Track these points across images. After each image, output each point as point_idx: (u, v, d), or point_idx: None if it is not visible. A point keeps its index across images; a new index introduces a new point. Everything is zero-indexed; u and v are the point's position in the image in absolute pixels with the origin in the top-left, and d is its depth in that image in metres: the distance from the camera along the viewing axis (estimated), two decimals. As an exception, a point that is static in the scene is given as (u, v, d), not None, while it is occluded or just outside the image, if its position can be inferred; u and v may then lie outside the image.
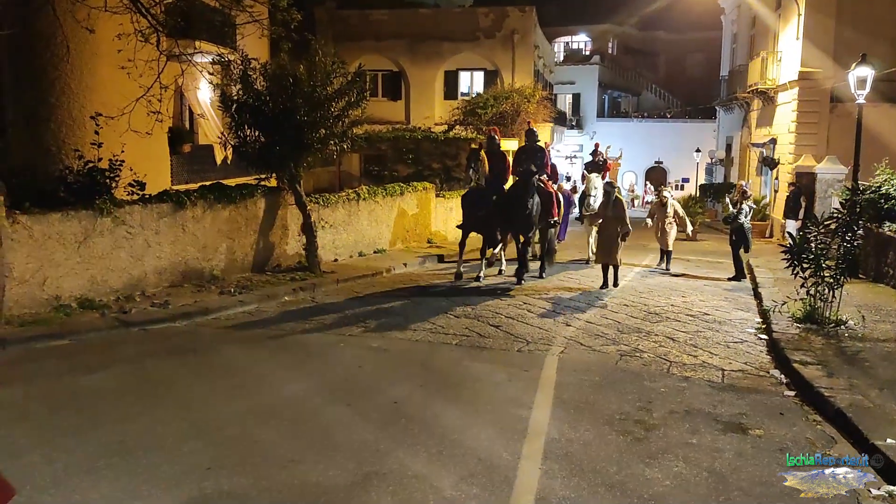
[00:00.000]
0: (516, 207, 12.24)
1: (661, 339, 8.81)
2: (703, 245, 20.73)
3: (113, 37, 10.07)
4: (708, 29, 39.25)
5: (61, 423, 5.56)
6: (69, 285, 9.06)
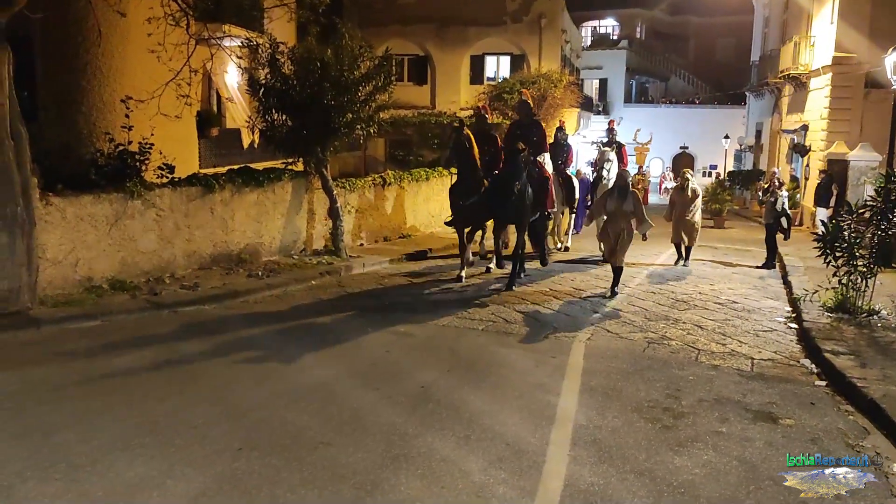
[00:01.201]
0: (501, 193, 10.47)
1: (689, 326, 8.74)
2: (730, 233, 20.51)
3: (143, 20, 10.12)
4: (739, 13, 38.62)
5: (95, 402, 5.64)
6: (101, 267, 9.18)
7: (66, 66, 11.32)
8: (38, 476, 4.44)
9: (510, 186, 10.23)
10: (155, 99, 10.10)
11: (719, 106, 41.70)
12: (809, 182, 21.87)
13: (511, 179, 10.26)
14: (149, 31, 9.93)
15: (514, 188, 10.24)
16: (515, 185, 10.24)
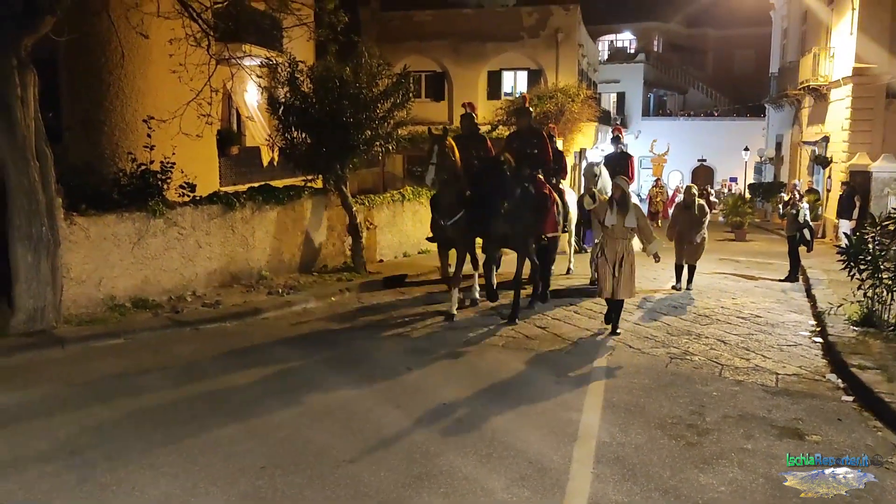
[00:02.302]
0: (486, 210, 9.21)
1: (711, 341, 8.66)
2: (752, 246, 20.34)
3: (165, 42, 10.27)
4: (757, 25, 38.51)
5: (120, 421, 5.69)
6: (124, 285, 9.27)
7: (90, 87, 11.51)
8: (64, 496, 4.48)
9: (495, 203, 9.05)
10: (176, 118, 10.22)
11: (738, 118, 41.49)
12: (831, 194, 21.68)
13: (495, 195, 9.07)
14: (170, 51, 10.07)
15: (499, 205, 9.03)
16: (502, 203, 9.03)
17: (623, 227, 8.67)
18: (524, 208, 9.45)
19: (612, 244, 8.74)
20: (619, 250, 8.68)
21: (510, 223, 9.28)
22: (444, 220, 9.59)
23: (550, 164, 10.50)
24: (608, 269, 8.72)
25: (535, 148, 10.11)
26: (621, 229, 8.68)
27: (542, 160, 10.26)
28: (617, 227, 8.68)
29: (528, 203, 9.55)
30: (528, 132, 10.38)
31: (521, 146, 10.04)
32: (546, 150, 10.30)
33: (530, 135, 10.31)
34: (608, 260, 8.74)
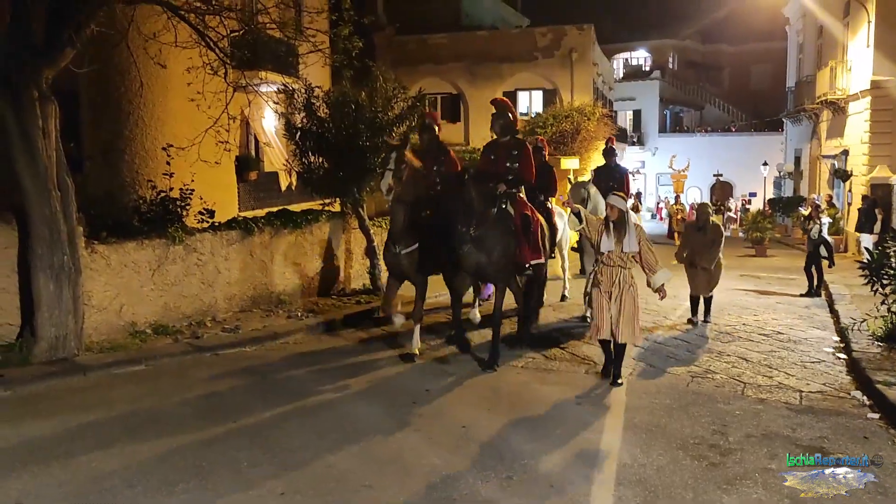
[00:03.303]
0: (453, 235, 8.03)
1: (733, 359, 8.56)
2: (773, 261, 20.15)
3: (183, 71, 10.42)
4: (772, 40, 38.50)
5: (140, 447, 5.70)
6: (144, 312, 9.34)
7: (110, 116, 11.70)
8: (85, 523, 4.48)
9: (462, 227, 7.84)
10: (195, 146, 10.34)
11: (756, 133, 41.38)
12: (852, 207, 21.47)
13: (464, 217, 7.86)
14: (188, 80, 10.21)
15: (468, 230, 7.80)
16: (467, 230, 7.79)
17: (621, 254, 7.35)
18: (502, 232, 8.18)
19: (609, 274, 7.41)
20: (617, 281, 7.36)
21: (484, 250, 8.02)
22: (398, 247, 8.48)
23: (532, 179, 9.09)
24: (604, 305, 7.41)
25: (515, 161, 8.77)
26: (619, 256, 7.36)
27: (523, 176, 8.86)
28: (614, 254, 7.37)
29: (507, 226, 8.29)
30: (507, 143, 8.91)
31: (500, 159, 8.81)
32: (528, 163, 8.84)
33: (510, 146, 8.87)
34: (603, 292, 7.43)
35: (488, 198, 8.16)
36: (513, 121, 8.94)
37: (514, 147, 8.89)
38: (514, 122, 8.97)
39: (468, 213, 7.85)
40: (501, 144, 8.92)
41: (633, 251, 7.34)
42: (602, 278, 7.48)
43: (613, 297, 7.34)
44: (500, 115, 8.87)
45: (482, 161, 8.98)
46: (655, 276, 7.46)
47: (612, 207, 7.46)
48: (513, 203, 8.54)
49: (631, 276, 7.40)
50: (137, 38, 9.70)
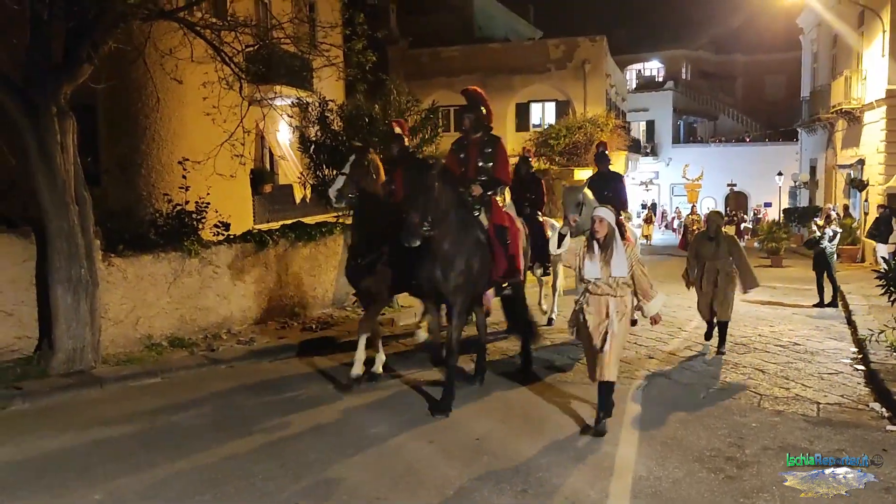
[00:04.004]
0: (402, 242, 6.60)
1: (749, 370, 8.50)
2: (789, 272, 19.99)
3: (198, 85, 10.53)
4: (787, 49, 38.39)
5: (156, 459, 5.73)
6: (160, 324, 9.41)
7: (127, 131, 11.84)
8: (101, 535, 4.51)
9: (408, 230, 6.46)
10: (210, 159, 10.44)
11: (771, 143, 41.19)
12: (869, 217, 21.31)
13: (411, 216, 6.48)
14: (204, 95, 10.32)
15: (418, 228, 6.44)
16: (410, 237, 6.43)
17: (610, 279, 6.15)
18: (469, 244, 6.98)
19: (597, 305, 6.19)
20: (609, 314, 6.18)
21: (441, 263, 6.82)
22: (360, 258, 7.69)
23: (509, 180, 8.02)
24: (593, 340, 6.22)
25: (488, 160, 7.55)
26: (608, 282, 6.16)
27: (499, 176, 7.59)
28: (602, 280, 6.17)
29: (475, 237, 7.10)
30: (479, 140, 7.65)
31: (470, 158, 7.59)
32: (504, 162, 7.66)
33: (482, 143, 7.63)
34: (591, 328, 6.23)
35: (456, 201, 6.96)
36: (486, 115, 7.73)
37: (488, 144, 7.64)
38: (487, 115, 7.76)
39: (425, 208, 6.44)
40: (473, 141, 7.67)
41: (622, 276, 6.14)
42: (590, 310, 6.23)
43: (594, 330, 6.21)
44: (470, 107, 7.72)
45: (449, 160, 7.66)
46: (650, 304, 6.38)
47: (599, 221, 6.14)
48: (487, 210, 7.46)
49: (625, 304, 6.24)
50: (154, 54, 9.82)
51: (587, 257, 6.19)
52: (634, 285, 6.27)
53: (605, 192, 9.93)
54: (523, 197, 9.90)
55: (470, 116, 7.67)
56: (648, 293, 6.33)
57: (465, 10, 32.08)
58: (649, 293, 6.34)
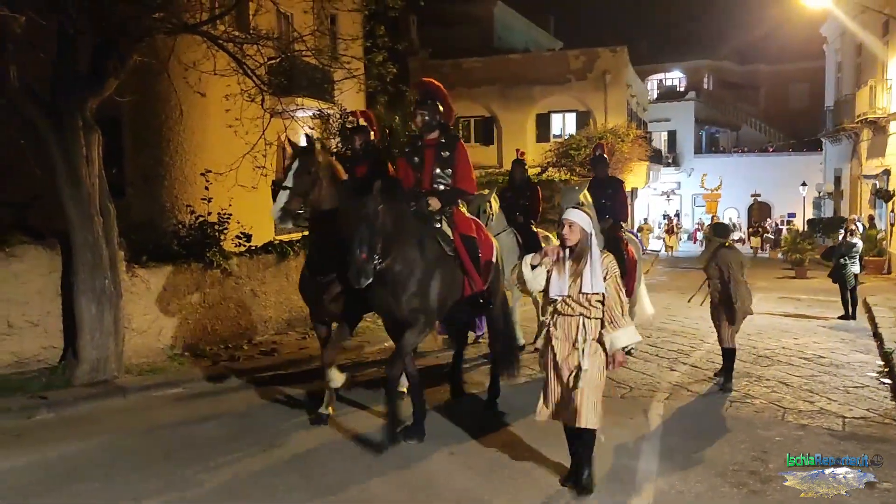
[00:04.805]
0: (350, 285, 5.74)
1: (773, 383, 8.40)
2: (813, 283, 19.75)
3: (221, 98, 10.65)
4: (810, 59, 38.08)
5: (178, 469, 5.77)
6: (182, 335, 9.49)
7: (150, 143, 11.98)
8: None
9: (352, 248, 5.55)
10: (233, 171, 10.55)
11: (794, 153, 40.79)
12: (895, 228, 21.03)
13: (354, 234, 5.57)
14: (227, 107, 10.44)
15: (366, 265, 5.51)
16: (359, 277, 5.51)
17: (580, 295, 4.96)
18: (429, 262, 6.06)
19: (567, 328, 5.05)
20: (578, 338, 5.00)
21: (397, 289, 5.95)
22: (319, 275, 6.70)
23: (473, 189, 6.78)
24: (556, 372, 5.12)
25: (447, 165, 6.44)
26: (578, 299, 4.98)
27: (461, 185, 6.52)
28: (572, 298, 4.99)
29: (438, 253, 6.19)
30: (435, 141, 6.52)
31: (426, 163, 6.46)
32: (466, 168, 6.53)
33: (440, 145, 6.49)
34: (557, 356, 5.09)
35: (407, 217, 6.01)
36: (444, 111, 6.60)
37: (446, 147, 6.51)
38: (446, 112, 6.64)
39: (370, 240, 5.52)
40: (428, 143, 6.55)
41: (597, 291, 4.92)
42: (556, 333, 5.11)
43: (572, 362, 5.03)
44: (425, 103, 6.48)
45: (401, 166, 6.72)
46: (616, 334, 4.95)
47: (569, 226, 4.95)
48: (449, 221, 6.49)
49: (598, 328, 5.04)
50: (178, 67, 9.95)
51: (555, 270, 5.03)
52: (607, 310, 4.97)
53: (603, 201, 8.91)
54: (516, 204, 9.25)
55: (423, 113, 6.47)
56: (618, 320, 4.95)
57: (485, 22, 32.20)
58: (619, 321, 4.96)
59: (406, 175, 6.60)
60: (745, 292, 7.97)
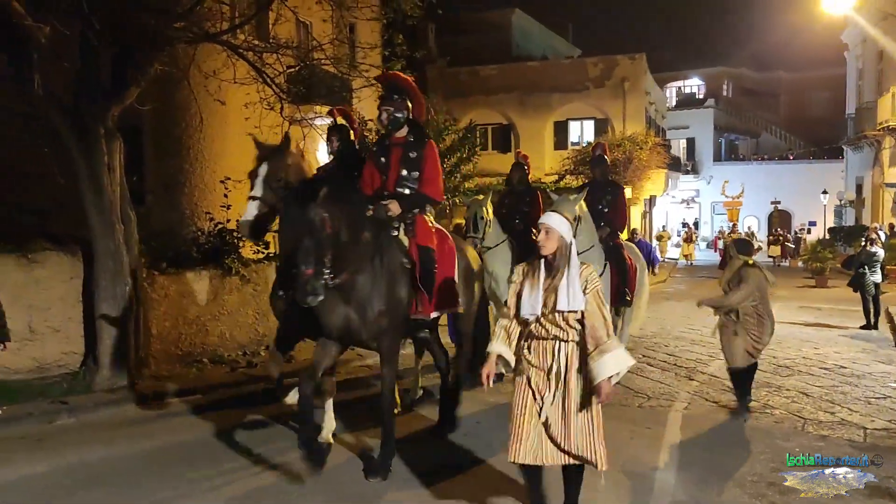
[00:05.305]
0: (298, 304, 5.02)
1: (793, 394, 8.32)
2: (834, 292, 19.56)
3: (240, 106, 10.74)
4: (831, 66, 37.83)
5: (197, 476, 5.80)
6: (201, 341, 9.56)
7: (171, 151, 12.10)
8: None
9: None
10: (251, 179, 10.62)
11: (815, 161, 40.47)
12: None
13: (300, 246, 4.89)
14: (246, 115, 10.52)
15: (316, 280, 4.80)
16: (307, 295, 4.79)
17: (556, 314, 4.14)
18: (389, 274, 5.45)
19: (542, 353, 4.26)
20: (556, 365, 4.21)
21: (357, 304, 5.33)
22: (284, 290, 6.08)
23: (441, 195, 6.12)
24: (528, 404, 4.29)
25: (414, 167, 5.83)
26: (555, 319, 4.17)
27: (427, 191, 5.87)
28: (545, 317, 4.18)
29: (396, 263, 5.54)
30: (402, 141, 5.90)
31: (391, 165, 5.86)
32: (433, 175, 5.87)
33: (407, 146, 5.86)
34: (532, 386, 4.29)
35: (363, 224, 5.32)
36: (414, 107, 5.97)
37: (414, 147, 5.88)
38: (416, 109, 6.02)
39: (318, 254, 4.83)
40: (395, 142, 5.92)
41: (575, 309, 4.11)
42: (530, 359, 4.30)
43: (550, 392, 4.23)
44: (391, 98, 5.82)
45: (367, 167, 6.08)
46: (602, 360, 4.08)
47: (546, 232, 4.19)
48: (408, 230, 5.81)
49: (578, 353, 4.25)
50: (198, 76, 10.05)
51: (526, 284, 4.23)
52: (584, 328, 4.16)
53: (600, 206, 8.30)
54: (516, 210, 8.62)
55: (388, 109, 5.80)
56: (602, 340, 4.10)
57: (503, 29, 32.27)
58: (603, 341, 4.10)
59: (371, 177, 5.99)
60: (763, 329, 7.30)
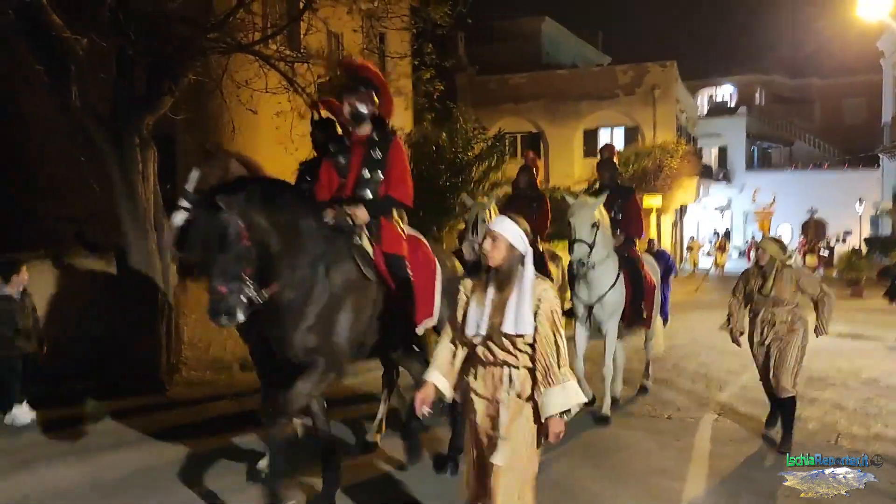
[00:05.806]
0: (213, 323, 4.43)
1: (826, 407, 8.18)
2: (870, 302, 19.19)
3: (272, 115, 10.88)
4: (867, 73, 37.27)
5: (223, 481, 5.86)
6: (230, 348, 9.64)
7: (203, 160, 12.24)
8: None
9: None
10: (282, 187, 10.73)
11: (850, 169, 39.80)
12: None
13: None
14: (277, 124, 10.66)
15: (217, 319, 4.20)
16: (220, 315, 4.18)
17: (504, 338, 3.59)
18: (328, 293, 4.68)
19: (490, 382, 3.69)
20: (504, 397, 3.63)
21: (278, 324, 4.67)
22: None
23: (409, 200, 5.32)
24: (475, 440, 3.81)
25: (376, 167, 5.22)
26: (501, 343, 3.60)
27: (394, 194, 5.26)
28: (492, 339, 3.61)
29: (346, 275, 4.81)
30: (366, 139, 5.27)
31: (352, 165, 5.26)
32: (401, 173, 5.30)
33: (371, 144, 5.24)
34: (479, 417, 3.75)
35: (303, 233, 4.65)
36: (381, 102, 5.33)
37: (378, 145, 5.25)
38: (383, 104, 5.37)
39: (230, 263, 4.19)
40: (357, 140, 5.30)
41: (522, 333, 3.56)
42: (478, 387, 3.75)
43: (498, 426, 3.64)
44: (356, 89, 5.17)
45: (323, 168, 5.45)
46: (551, 392, 3.54)
47: (492, 240, 3.66)
48: (372, 236, 5.16)
49: (528, 382, 3.66)
50: (230, 86, 10.19)
51: (473, 299, 3.71)
52: (534, 358, 3.59)
53: (612, 214, 7.60)
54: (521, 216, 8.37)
55: (351, 100, 5.13)
56: (553, 374, 3.54)
57: (533, 38, 32.28)
58: (555, 375, 3.54)
59: (329, 179, 5.37)
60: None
